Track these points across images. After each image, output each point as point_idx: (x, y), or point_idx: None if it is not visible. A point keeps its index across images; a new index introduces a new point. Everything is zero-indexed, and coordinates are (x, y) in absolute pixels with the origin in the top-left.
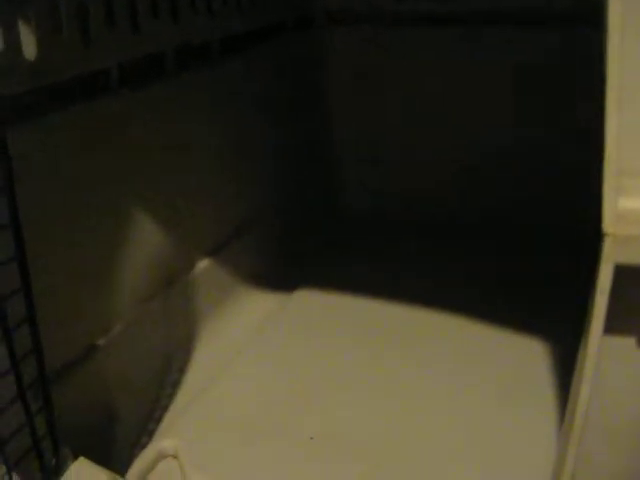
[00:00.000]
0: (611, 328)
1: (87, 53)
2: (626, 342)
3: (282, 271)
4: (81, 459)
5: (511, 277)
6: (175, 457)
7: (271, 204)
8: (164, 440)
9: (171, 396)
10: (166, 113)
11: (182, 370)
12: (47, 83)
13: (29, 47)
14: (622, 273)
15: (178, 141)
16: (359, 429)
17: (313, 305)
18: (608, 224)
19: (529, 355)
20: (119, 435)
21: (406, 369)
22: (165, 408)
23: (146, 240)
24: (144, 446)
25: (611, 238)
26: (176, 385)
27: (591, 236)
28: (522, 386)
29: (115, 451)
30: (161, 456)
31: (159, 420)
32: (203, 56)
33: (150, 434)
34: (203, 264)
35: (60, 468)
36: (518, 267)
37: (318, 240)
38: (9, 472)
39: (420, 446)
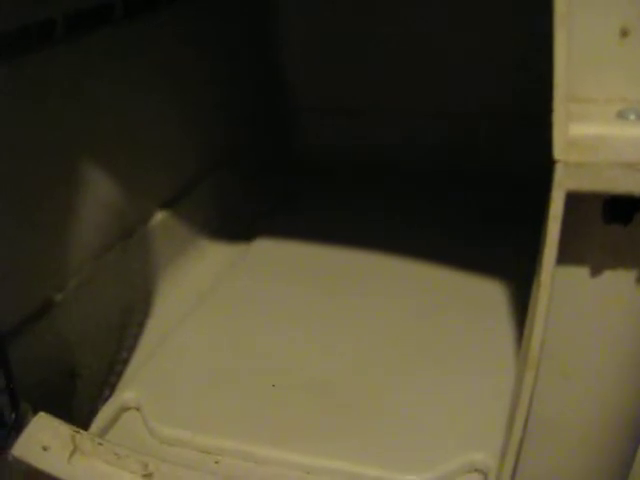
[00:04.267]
0: (565, 258)
1: (31, 3)
2: (580, 272)
3: (240, 220)
4: (41, 414)
5: (474, 213)
6: (138, 409)
7: (225, 154)
8: (126, 393)
9: (132, 349)
10: (115, 64)
11: (142, 322)
12: None
13: None
14: (575, 201)
15: (128, 92)
16: (322, 371)
17: (273, 253)
18: (559, 151)
19: (489, 290)
20: (80, 390)
21: (367, 309)
22: (126, 361)
23: (100, 192)
24: (106, 400)
25: (562, 165)
26: (136, 337)
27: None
28: (481, 317)
29: (76, 406)
30: (123, 409)
31: (120, 373)
32: (151, 4)
33: (112, 388)
34: (160, 216)
35: (20, 424)
36: (483, 203)
37: (275, 187)
38: None
39: (381, 379)
